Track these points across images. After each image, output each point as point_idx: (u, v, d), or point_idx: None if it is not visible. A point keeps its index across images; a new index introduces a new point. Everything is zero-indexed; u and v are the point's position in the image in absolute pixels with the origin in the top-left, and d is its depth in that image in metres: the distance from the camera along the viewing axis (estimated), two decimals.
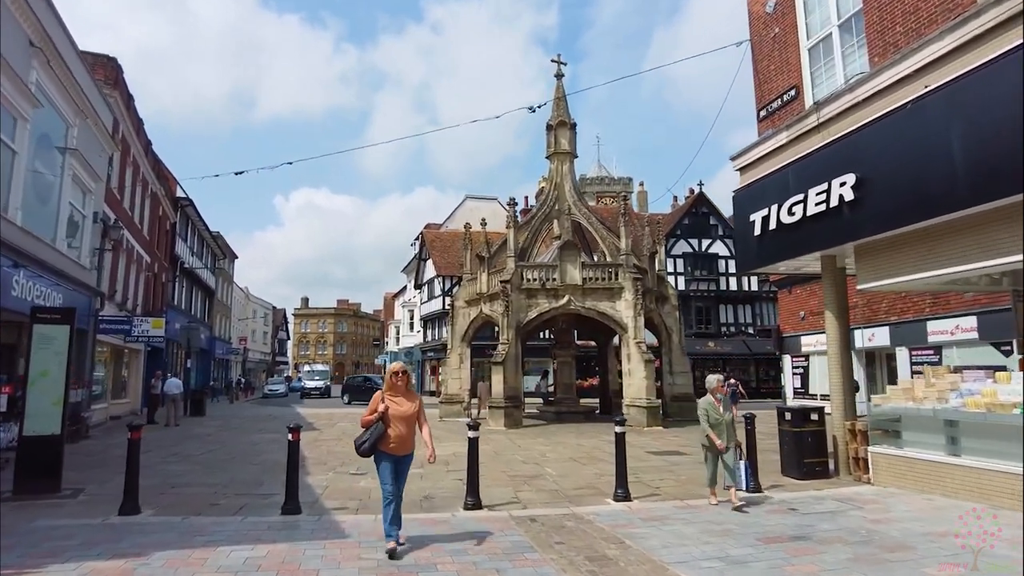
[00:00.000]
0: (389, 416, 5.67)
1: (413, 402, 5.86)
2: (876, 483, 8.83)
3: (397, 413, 5.71)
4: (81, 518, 6.96)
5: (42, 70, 12.14)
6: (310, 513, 7.36)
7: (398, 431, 5.68)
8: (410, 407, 5.80)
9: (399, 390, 5.82)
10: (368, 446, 5.65)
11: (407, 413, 5.76)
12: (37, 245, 12.39)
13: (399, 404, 5.76)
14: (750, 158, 11.39)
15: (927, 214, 7.77)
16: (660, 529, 6.65)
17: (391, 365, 5.97)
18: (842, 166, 8.89)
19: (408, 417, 5.76)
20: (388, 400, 5.74)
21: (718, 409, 7.73)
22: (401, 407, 5.75)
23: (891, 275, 8.82)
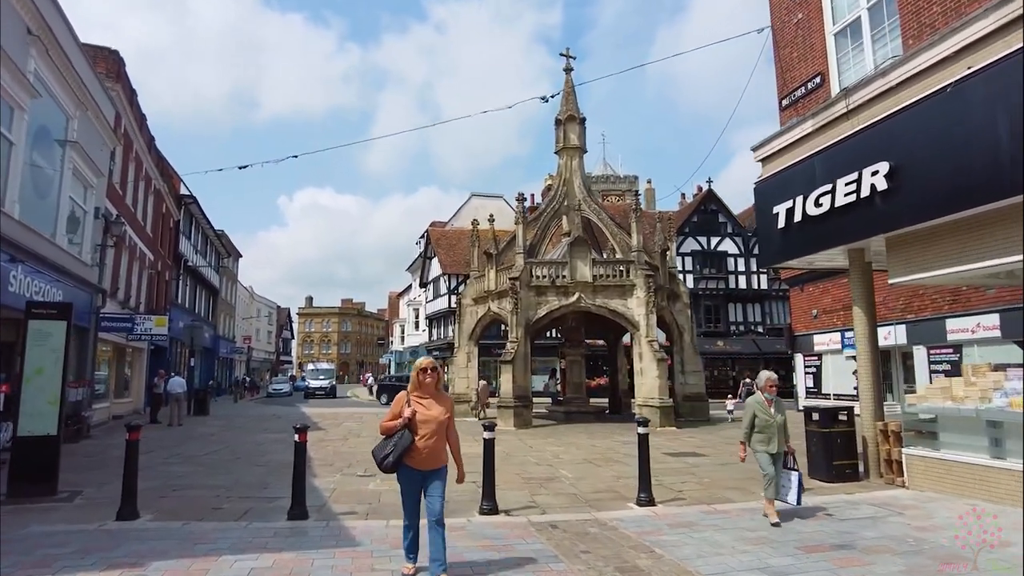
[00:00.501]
0: (416, 422, 4.70)
1: (444, 405, 4.89)
2: (911, 487, 8.40)
3: (426, 418, 4.72)
4: (77, 523, 6.59)
5: (40, 59, 11.79)
6: (318, 518, 6.97)
7: (427, 440, 4.69)
8: (441, 411, 4.81)
9: (428, 390, 4.85)
10: (393, 460, 4.66)
11: (438, 418, 4.76)
12: (36, 240, 12.05)
13: (428, 407, 4.77)
14: (773, 148, 10.97)
15: (968, 203, 7.33)
16: (691, 536, 6.24)
17: (419, 360, 4.92)
18: (874, 154, 8.47)
19: (439, 423, 4.76)
20: (415, 402, 4.77)
21: (768, 410, 6.90)
22: (430, 411, 4.76)
23: (926, 268, 8.39)
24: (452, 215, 48.78)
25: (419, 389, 4.85)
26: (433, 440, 4.72)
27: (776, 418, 6.84)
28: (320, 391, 44.06)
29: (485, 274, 21.93)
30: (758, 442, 6.88)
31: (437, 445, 4.75)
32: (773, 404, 6.94)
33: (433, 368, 4.89)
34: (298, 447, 7.05)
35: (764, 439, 6.84)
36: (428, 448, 4.70)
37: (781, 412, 6.95)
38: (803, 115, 10.35)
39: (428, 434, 4.70)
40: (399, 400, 4.85)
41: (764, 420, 6.85)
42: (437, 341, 43.64)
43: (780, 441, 6.81)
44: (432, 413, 4.76)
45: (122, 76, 18.72)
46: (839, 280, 25.23)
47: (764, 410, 6.90)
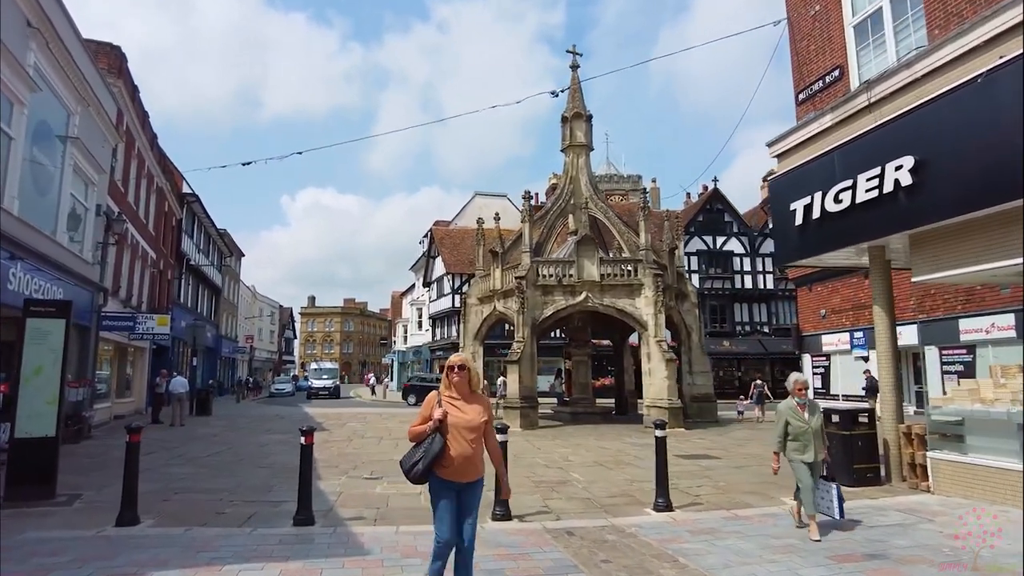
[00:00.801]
0: (448, 426, 4.08)
1: (481, 408, 4.22)
2: (937, 492, 8.13)
3: (460, 422, 4.09)
4: (75, 529, 6.34)
5: (40, 52, 11.56)
6: (324, 524, 6.72)
7: (461, 448, 4.06)
8: (476, 415, 4.15)
9: (461, 390, 4.23)
10: (423, 469, 4.03)
11: (473, 423, 4.12)
12: (35, 237, 11.82)
13: (462, 410, 4.15)
14: (789, 143, 10.70)
15: (999, 199, 7.05)
16: (714, 544, 5.98)
17: (450, 357, 4.33)
18: (898, 148, 8.20)
19: (474, 428, 4.12)
20: (447, 404, 4.16)
21: (802, 415, 6.34)
22: (465, 414, 4.13)
23: (952, 266, 8.12)
24: (456, 214, 48.53)
25: (451, 389, 4.26)
26: (468, 447, 4.09)
27: (811, 423, 6.32)
28: (323, 391, 42.40)
29: (490, 273, 21.68)
30: (793, 451, 6.36)
31: (473, 453, 4.12)
32: (806, 408, 6.42)
33: (462, 366, 4.23)
34: (304, 450, 6.80)
35: (799, 447, 6.29)
36: (462, 456, 4.06)
37: (816, 416, 6.43)
38: (821, 109, 10.08)
39: (462, 440, 4.08)
40: (429, 401, 4.24)
41: (798, 426, 6.31)
42: (441, 341, 43.40)
43: (816, 449, 6.28)
44: (467, 416, 4.14)
45: (124, 72, 18.49)
46: (848, 280, 24.93)
47: (797, 415, 6.36)
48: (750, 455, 12.65)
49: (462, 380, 4.21)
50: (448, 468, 4.05)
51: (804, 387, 6.52)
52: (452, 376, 4.21)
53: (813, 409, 6.45)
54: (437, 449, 4.02)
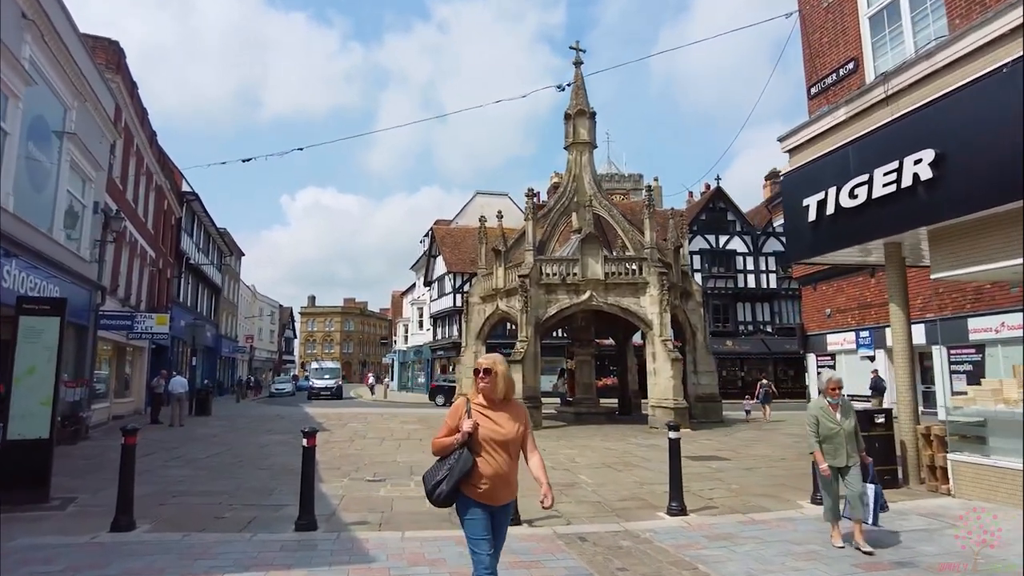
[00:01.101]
0: (479, 440, 3.46)
1: (517, 419, 3.59)
2: (958, 495, 7.89)
3: (492, 435, 3.46)
4: (68, 535, 6.10)
5: (35, 45, 11.33)
6: (327, 529, 6.49)
7: (494, 465, 3.44)
8: (514, 426, 3.54)
9: (490, 397, 3.57)
10: (448, 490, 3.41)
11: (508, 436, 3.50)
12: (31, 234, 11.58)
13: (495, 421, 3.51)
14: (802, 138, 10.44)
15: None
16: (733, 551, 5.74)
17: (480, 359, 3.68)
18: (917, 142, 7.96)
19: (510, 443, 3.50)
20: (477, 413, 3.53)
21: (834, 415, 5.91)
22: (499, 426, 3.50)
23: (973, 262, 7.89)
24: (457, 213, 48.28)
25: (482, 396, 3.61)
26: (502, 464, 3.45)
27: (844, 424, 5.87)
28: (325, 392, 40.53)
29: (493, 272, 21.44)
30: (823, 454, 5.92)
31: (508, 472, 3.47)
32: (839, 408, 5.99)
33: (488, 369, 3.54)
34: (306, 452, 6.57)
35: (830, 450, 5.87)
36: (496, 476, 3.42)
37: (849, 417, 5.96)
38: (835, 103, 9.83)
39: (495, 456, 3.44)
40: (456, 409, 3.58)
41: (829, 428, 5.89)
42: (442, 340, 43.16)
43: (850, 451, 5.83)
44: (501, 428, 3.49)
45: (122, 68, 18.26)
46: (853, 279, 24.69)
47: (828, 416, 5.92)
48: (759, 456, 12.42)
49: (490, 386, 3.53)
50: (479, 489, 3.42)
51: (837, 386, 6.05)
52: (484, 381, 3.55)
53: (846, 410, 6.02)
54: (466, 467, 3.41)
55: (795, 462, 11.55)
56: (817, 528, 6.51)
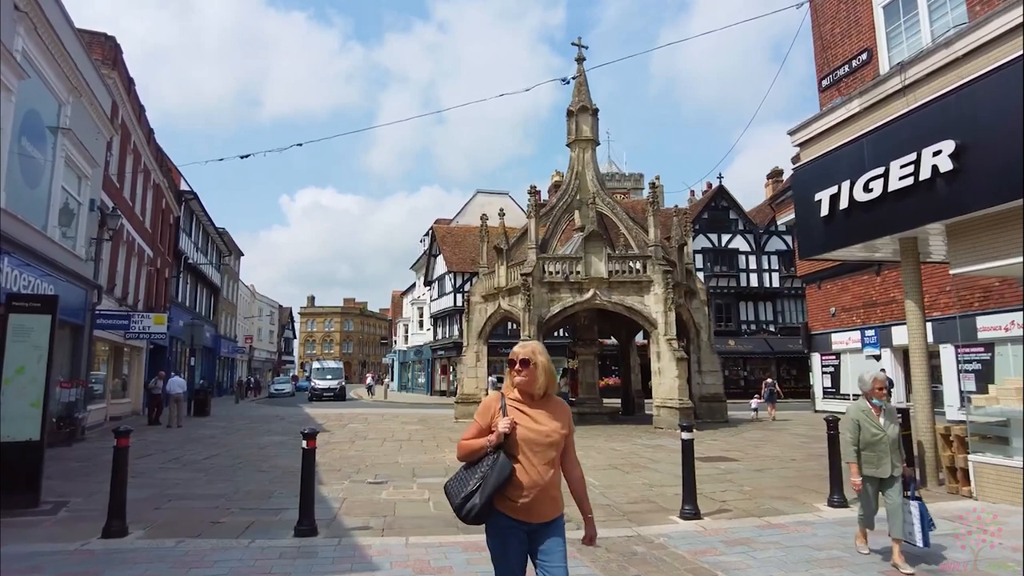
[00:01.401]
0: (517, 441, 2.86)
1: (560, 418, 2.99)
2: (981, 497, 7.64)
3: (532, 437, 2.88)
4: (57, 542, 5.85)
5: (28, 38, 11.07)
6: (328, 535, 6.23)
7: (535, 473, 2.83)
8: (555, 426, 2.93)
9: (528, 392, 2.98)
10: (482, 503, 2.77)
11: (551, 438, 2.90)
12: (24, 230, 11.33)
13: (535, 420, 2.92)
14: (814, 131, 10.20)
15: None
16: (753, 557, 5.49)
17: (515, 348, 3.04)
18: (936, 133, 7.71)
19: (552, 446, 2.90)
20: (514, 410, 2.95)
21: (877, 420, 5.27)
22: (539, 425, 2.91)
23: (995, 257, 7.63)
24: (457, 212, 48.02)
25: (518, 391, 3.00)
26: (544, 472, 2.85)
27: (888, 430, 5.22)
28: (328, 393, 38.27)
29: (495, 270, 21.18)
30: (864, 463, 5.30)
31: (551, 481, 2.89)
32: (882, 412, 5.31)
33: (526, 360, 2.94)
34: (306, 455, 6.31)
35: (872, 459, 5.22)
36: (537, 485, 2.82)
37: (893, 422, 5.30)
38: (848, 94, 9.59)
39: (536, 462, 2.84)
40: (488, 406, 3.00)
41: (873, 434, 5.21)
42: (443, 340, 42.90)
43: (894, 461, 5.19)
44: (542, 428, 2.90)
45: (119, 63, 17.99)
46: (859, 277, 24.46)
47: (871, 421, 5.25)
48: (769, 457, 12.16)
49: (528, 380, 2.94)
50: (517, 503, 2.81)
51: (884, 387, 5.37)
52: (513, 374, 2.98)
53: (890, 415, 5.35)
54: (503, 475, 2.77)
55: (805, 463, 11.31)
56: (838, 533, 6.27)
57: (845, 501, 7.46)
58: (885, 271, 23.24)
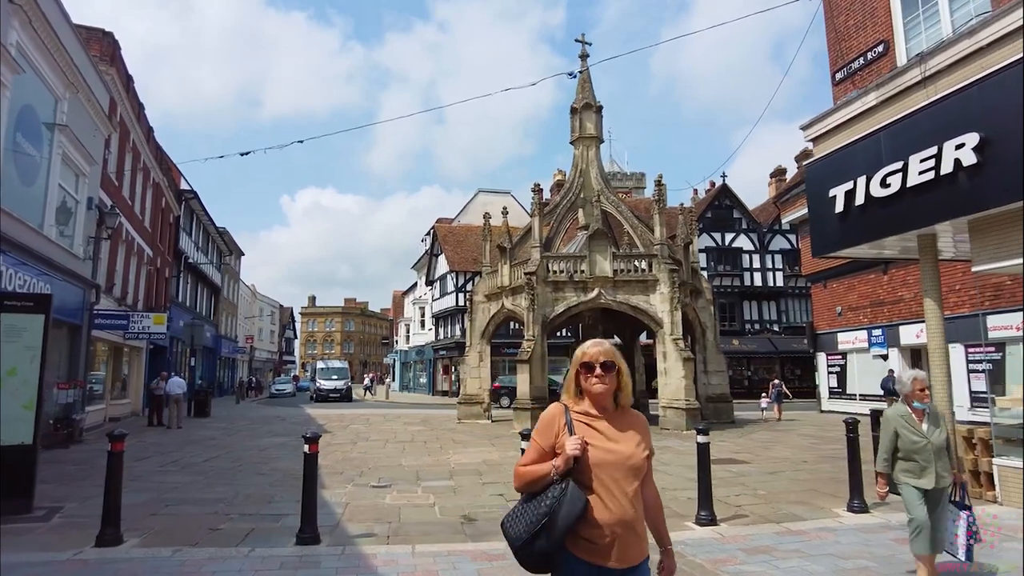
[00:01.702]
0: (589, 465, 2.29)
1: (639, 435, 2.43)
2: (1006, 503, 7.39)
3: (610, 460, 2.32)
4: (49, 551, 5.60)
5: (23, 31, 10.84)
6: (331, 543, 5.99)
7: (616, 505, 2.27)
8: (634, 447, 2.37)
9: (603, 404, 2.43)
10: (552, 545, 2.23)
11: (632, 461, 2.35)
12: (19, 228, 11.09)
13: (611, 439, 2.37)
14: (828, 125, 9.94)
15: None
16: (776, 566, 5.24)
17: (587, 348, 2.47)
18: (958, 125, 7.44)
19: (634, 471, 2.35)
20: (583, 427, 2.38)
21: (918, 425, 4.64)
22: (617, 445, 2.35)
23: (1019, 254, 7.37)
24: (459, 211, 47.79)
25: (586, 402, 2.43)
26: (626, 504, 2.27)
27: (932, 437, 4.59)
28: (334, 394, 37.04)
29: (498, 269, 20.94)
30: (904, 472, 4.64)
31: (635, 516, 2.30)
32: (925, 417, 4.71)
33: (609, 363, 2.39)
34: (308, 460, 6.08)
35: (915, 468, 4.59)
36: (619, 521, 2.24)
37: (939, 427, 4.68)
38: (864, 87, 9.33)
39: (616, 492, 2.27)
40: (550, 421, 2.40)
41: (914, 441, 4.59)
42: (444, 340, 42.66)
43: (940, 470, 4.56)
44: (621, 448, 2.33)
45: (117, 60, 17.75)
46: (866, 276, 24.21)
47: (912, 427, 4.64)
48: (780, 459, 11.91)
49: (609, 388, 2.39)
50: (594, 544, 2.24)
51: (925, 387, 4.78)
52: (592, 381, 2.38)
53: (935, 419, 4.73)
54: (575, 511, 2.19)
55: (818, 465, 11.07)
56: (862, 540, 6.03)
57: (866, 506, 7.23)
58: (892, 270, 23.00)
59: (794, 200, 28.73)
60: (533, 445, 2.40)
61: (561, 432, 2.36)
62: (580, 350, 2.46)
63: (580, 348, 2.48)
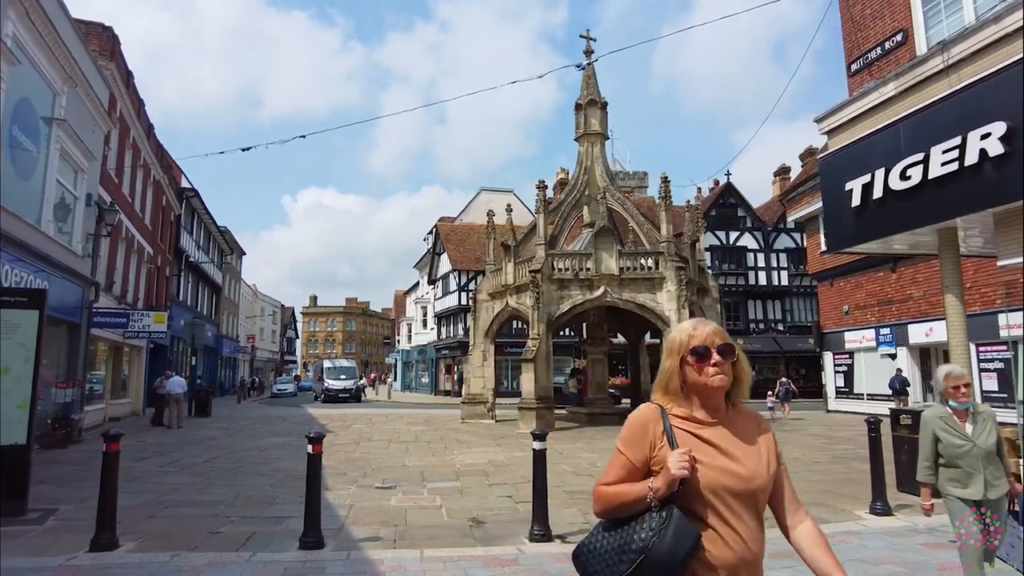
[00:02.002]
0: (700, 490, 1.74)
1: (762, 444, 1.87)
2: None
3: (728, 482, 1.75)
4: (42, 555, 5.37)
5: (20, 23, 10.61)
6: (335, 547, 5.75)
7: (735, 540, 1.73)
8: (757, 461, 1.82)
9: (714, 404, 1.87)
10: None
11: (757, 481, 1.79)
12: (15, 224, 10.87)
13: (725, 451, 1.80)
14: (843, 117, 9.68)
15: None
16: (802, 572, 4.95)
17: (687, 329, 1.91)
18: (984, 115, 7.19)
19: (759, 493, 1.81)
20: (686, 435, 1.82)
21: (960, 427, 4.06)
22: (734, 459, 1.79)
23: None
24: (461, 210, 47.54)
25: (690, 402, 1.89)
26: (748, 539, 1.77)
27: (978, 440, 3.99)
28: (344, 394, 35.88)
29: (502, 267, 20.68)
30: (949, 481, 4.10)
31: (757, 552, 1.80)
32: (968, 417, 4.10)
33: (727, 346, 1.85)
34: (312, 461, 5.83)
35: (960, 476, 4.00)
36: (742, 560, 1.74)
37: (988, 429, 4.05)
38: (882, 77, 9.08)
39: (734, 521, 1.76)
40: (641, 430, 1.87)
41: (956, 445, 4.00)
42: (447, 340, 42.44)
43: (990, 478, 3.97)
44: (739, 466, 1.79)
45: (117, 55, 17.53)
46: (873, 274, 23.94)
47: (953, 429, 4.06)
48: (792, 459, 11.65)
49: (725, 380, 1.82)
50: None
51: (962, 385, 4.11)
52: (710, 372, 1.81)
53: (982, 419, 4.11)
54: (683, 549, 1.67)
55: (831, 466, 10.84)
56: (888, 544, 5.79)
57: (889, 508, 6.98)
58: (901, 267, 22.74)
59: (800, 198, 28.43)
60: (617, 459, 1.88)
61: (659, 443, 1.80)
62: (682, 333, 1.90)
63: (679, 331, 1.92)
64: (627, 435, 1.89)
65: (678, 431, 1.83)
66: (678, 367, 1.88)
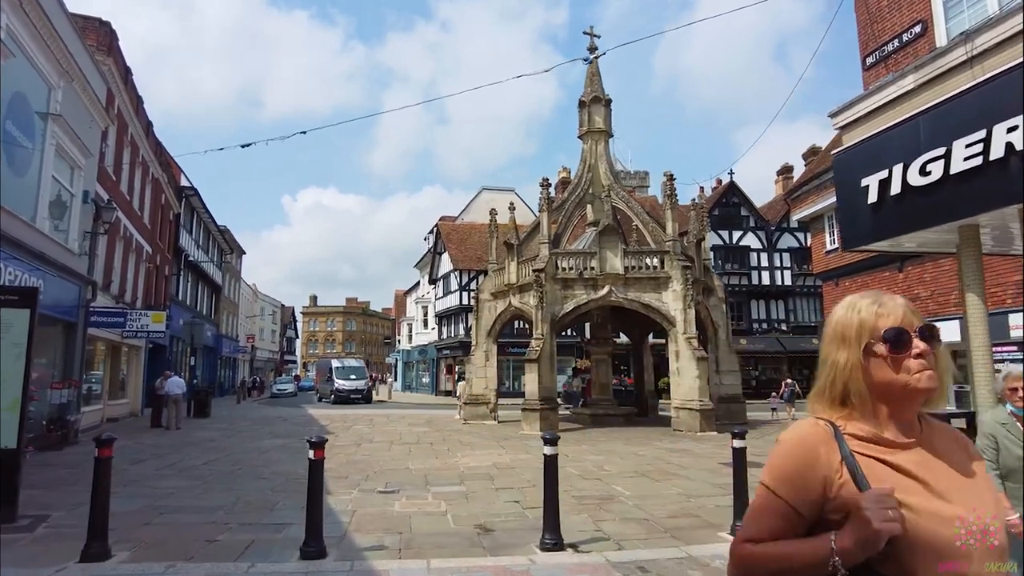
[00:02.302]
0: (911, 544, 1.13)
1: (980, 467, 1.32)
2: None
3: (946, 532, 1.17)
4: (29, 566, 5.11)
5: (13, 14, 10.34)
6: (338, 557, 5.49)
7: None
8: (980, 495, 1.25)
9: (910, 414, 1.32)
10: None
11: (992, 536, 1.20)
12: (10, 221, 10.61)
13: (934, 488, 1.22)
14: (859, 112, 9.43)
15: None
16: None
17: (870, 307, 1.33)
18: (1010, 107, 6.93)
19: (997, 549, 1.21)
20: (869, 460, 1.24)
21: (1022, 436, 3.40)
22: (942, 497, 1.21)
23: None
24: (462, 209, 47.29)
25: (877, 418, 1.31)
26: None
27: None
28: (356, 395, 34.59)
29: (505, 267, 20.44)
30: (1011, 498, 3.11)
31: None
32: None
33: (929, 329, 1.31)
34: (314, 467, 5.57)
35: (1018, 492, 3.31)
36: None
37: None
38: (901, 70, 8.82)
39: None
40: (804, 457, 1.27)
41: (1017, 456, 3.35)
42: (447, 340, 42.18)
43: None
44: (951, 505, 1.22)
45: (115, 50, 17.26)
46: (880, 274, 23.65)
47: (1015, 435, 3.41)
48: None
49: (936, 380, 1.28)
50: None
51: (1018, 387, 3.48)
52: (914, 367, 1.27)
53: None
54: None
55: None
56: None
57: None
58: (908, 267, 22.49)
59: (804, 196, 28.13)
60: (768, 503, 1.27)
61: (836, 478, 1.22)
62: (862, 310, 1.34)
63: (854, 308, 1.36)
64: (782, 466, 1.28)
65: (862, 458, 1.24)
66: (859, 361, 1.29)
